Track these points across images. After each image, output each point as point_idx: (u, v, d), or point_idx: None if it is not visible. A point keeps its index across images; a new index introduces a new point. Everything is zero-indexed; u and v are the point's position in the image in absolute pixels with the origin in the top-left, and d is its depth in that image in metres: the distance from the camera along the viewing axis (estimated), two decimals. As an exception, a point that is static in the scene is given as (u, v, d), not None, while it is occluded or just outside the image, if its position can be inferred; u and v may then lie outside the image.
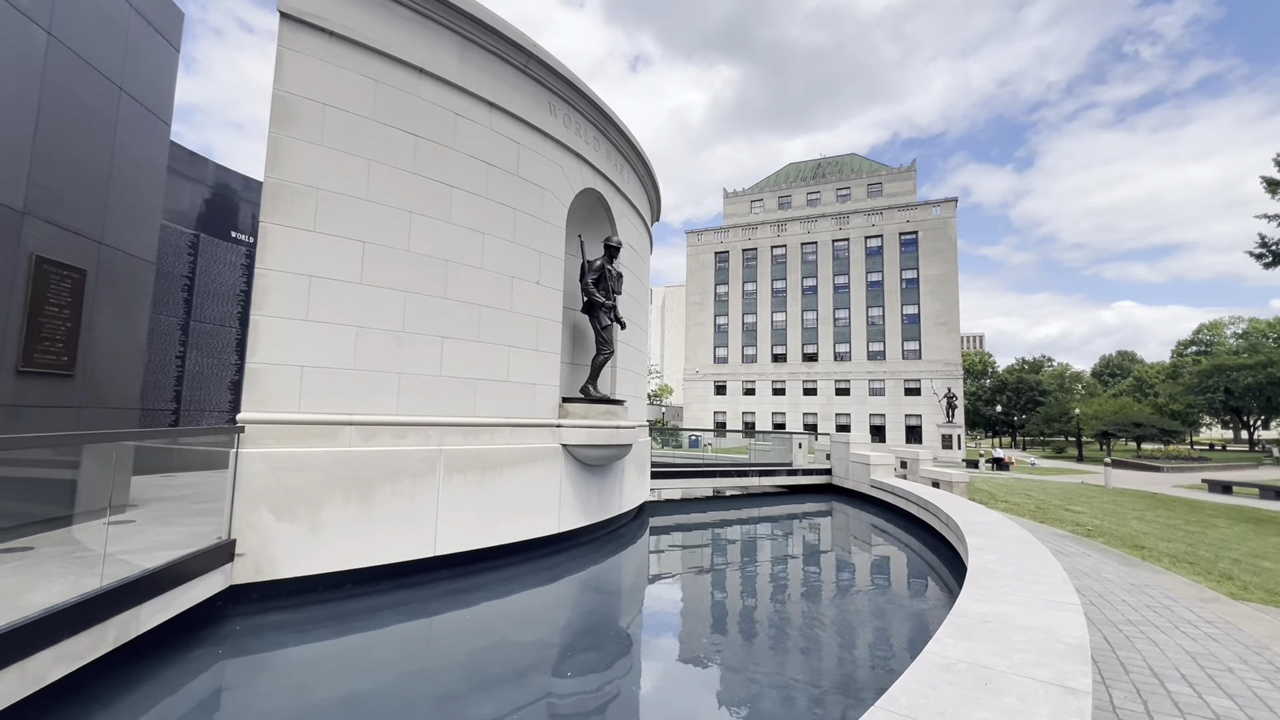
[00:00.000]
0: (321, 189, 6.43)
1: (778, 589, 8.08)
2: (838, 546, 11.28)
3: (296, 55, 6.36)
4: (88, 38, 6.70)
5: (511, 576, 7.57)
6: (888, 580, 8.57)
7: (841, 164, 67.60)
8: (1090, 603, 6.78)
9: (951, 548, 8.64)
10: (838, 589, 7.93)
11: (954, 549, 8.38)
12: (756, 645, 5.77)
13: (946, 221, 56.05)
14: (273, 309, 6.08)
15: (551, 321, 8.81)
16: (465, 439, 7.43)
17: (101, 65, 6.90)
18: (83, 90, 6.65)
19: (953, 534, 8.52)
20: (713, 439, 47.19)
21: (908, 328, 55.85)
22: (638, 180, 12.03)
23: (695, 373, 64.77)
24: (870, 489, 14.98)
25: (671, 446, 43.25)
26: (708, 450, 39.03)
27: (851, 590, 7.86)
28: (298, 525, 6.00)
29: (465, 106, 7.71)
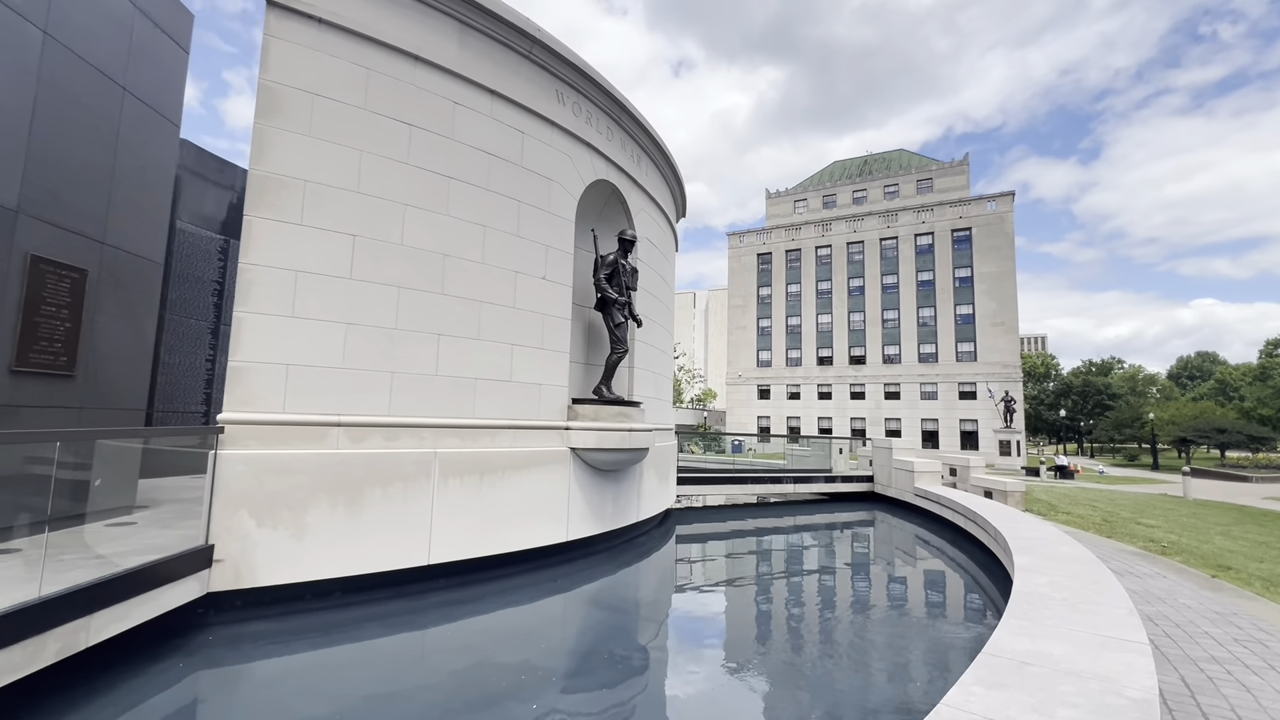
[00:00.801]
0: (310, 181, 6.20)
1: (795, 611, 7.40)
2: (872, 561, 10.45)
3: (284, 44, 6.15)
4: (87, 37, 6.68)
5: (512, 588, 7.16)
6: (922, 602, 7.75)
7: (889, 160, 65.38)
8: (1164, 633, 5.86)
9: (1001, 566, 7.76)
10: (862, 613, 7.18)
11: (1003, 567, 7.51)
12: (747, 678, 5.15)
13: (1003, 217, 53.35)
14: (257, 305, 5.86)
15: (559, 319, 8.39)
16: (463, 441, 7.07)
17: (103, 65, 6.89)
18: (82, 90, 6.64)
19: (1001, 550, 7.65)
20: (756, 443, 46.17)
21: (961, 328, 53.34)
22: (658, 173, 11.54)
23: (738, 376, 63.64)
24: (915, 498, 13.98)
25: (714, 451, 42.60)
26: (749, 455, 38.13)
27: (877, 614, 7.10)
28: (280, 531, 5.73)
29: (464, 94, 7.39)
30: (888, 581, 8.77)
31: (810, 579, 9.03)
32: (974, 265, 53.29)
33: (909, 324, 55.41)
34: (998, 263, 52.30)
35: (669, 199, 12.42)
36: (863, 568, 9.76)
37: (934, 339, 54.39)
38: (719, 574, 9.21)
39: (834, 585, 8.54)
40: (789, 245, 62.40)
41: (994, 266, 52.36)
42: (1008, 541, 6.96)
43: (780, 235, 63.07)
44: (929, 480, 13.78)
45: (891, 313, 56.67)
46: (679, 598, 7.73)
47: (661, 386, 11.66)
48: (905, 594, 8.03)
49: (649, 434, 9.02)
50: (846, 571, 9.50)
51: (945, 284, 54.32)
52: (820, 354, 59.54)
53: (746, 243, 65.04)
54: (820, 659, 5.52)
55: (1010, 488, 14.09)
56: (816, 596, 7.95)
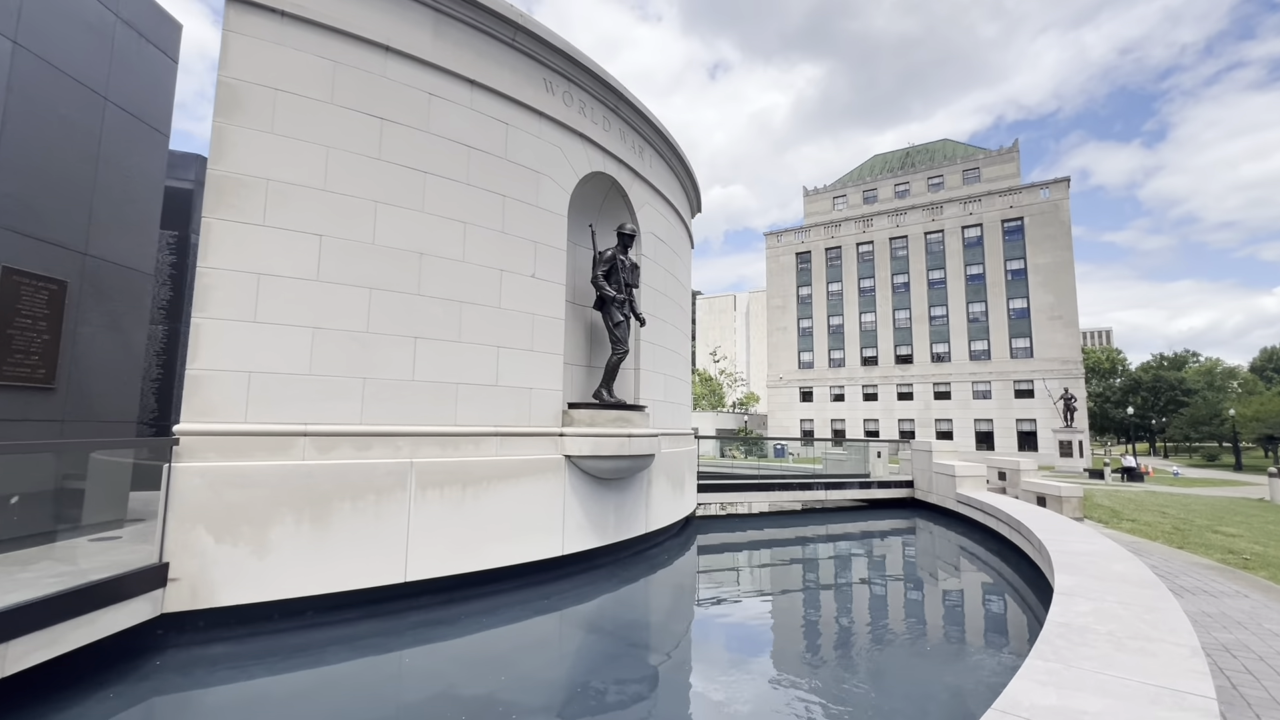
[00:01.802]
0: (273, 180, 5.92)
1: (801, 636, 6.67)
2: (900, 577, 9.56)
3: (245, 39, 5.91)
4: (63, 47, 6.62)
5: (499, 607, 6.70)
6: (947, 630, 6.90)
7: (932, 151, 62.95)
8: (1244, 668, 4.93)
9: (1047, 584, 6.86)
10: (875, 643, 6.39)
11: (1050, 586, 6.61)
12: (731, 711, 4.51)
13: (1057, 204, 50.50)
14: (216, 310, 5.60)
15: (551, 319, 7.93)
16: (443, 450, 6.67)
17: (81, 75, 6.83)
18: (59, 100, 6.57)
19: (1046, 566, 6.75)
20: (799, 448, 44.78)
21: (1015, 323, 50.66)
22: (664, 166, 10.99)
23: (779, 379, 62.20)
24: (957, 504, 12.93)
25: (756, 456, 41.51)
26: (790, 459, 36.93)
27: (890, 645, 6.31)
28: (241, 547, 5.42)
29: (441, 86, 7.04)
30: (912, 602, 7.93)
31: (827, 596, 8.26)
32: (1027, 256, 50.58)
33: (958, 320, 52.98)
34: (1053, 253, 49.49)
35: (679, 193, 11.85)
36: (888, 584, 8.90)
37: (986, 335, 51.82)
38: (730, 591, 8.54)
39: (851, 607, 7.76)
40: (828, 243, 60.71)
41: (1049, 257, 49.56)
42: (1050, 557, 6.09)
43: (819, 233, 61.45)
44: (972, 485, 12.71)
45: (939, 309, 54.34)
46: (681, 618, 7.12)
47: (674, 389, 11.07)
48: (928, 618, 7.20)
49: (652, 439, 8.45)
50: (869, 589, 8.68)
51: (997, 277, 51.74)
52: (864, 354, 57.59)
53: (784, 242, 63.65)
54: (799, 703, 4.82)
55: (1065, 493, 12.88)
56: (828, 620, 7.18)
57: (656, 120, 10.13)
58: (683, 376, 11.82)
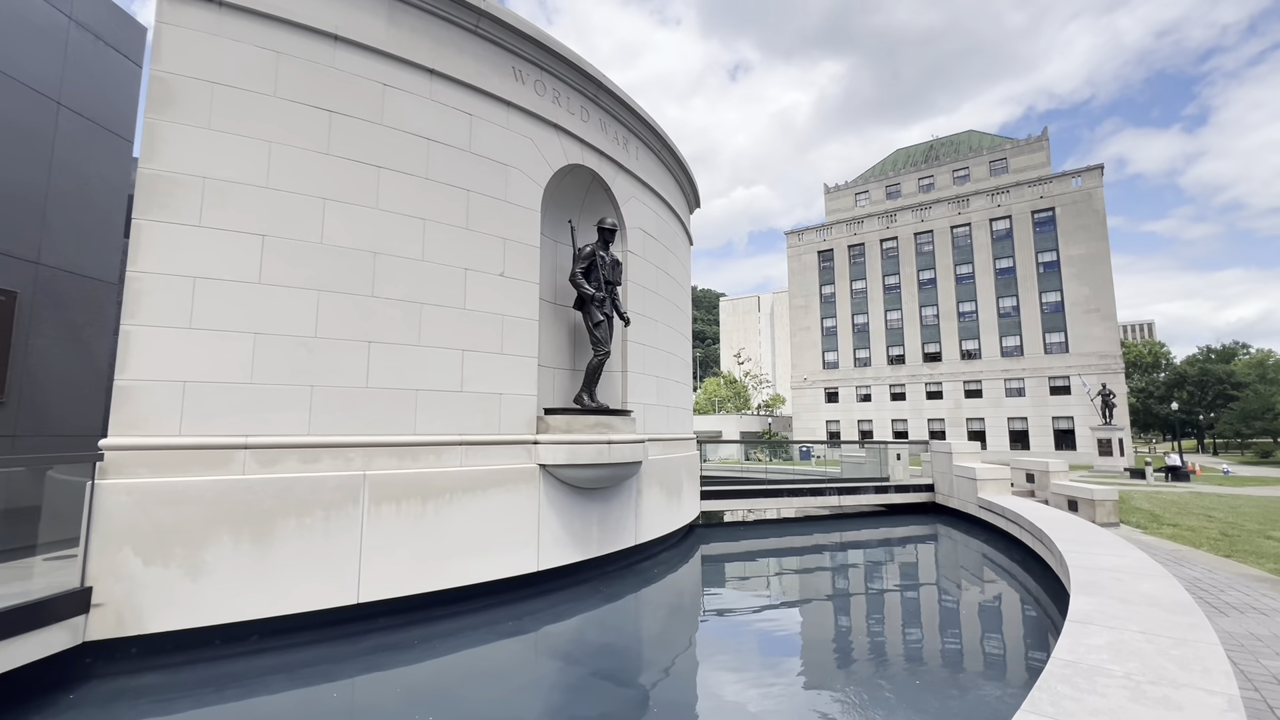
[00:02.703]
0: (210, 178, 5.59)
1: (789, 661, 6.06)
2: (910, 594, 8.84)
3: (179, 31, 5.60)
4: (7, 50, 6.42)
5: (463, 629, 6.25)
6: (949, 658, 6.22)
7: (957, 143, 61.19)
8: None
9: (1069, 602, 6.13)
10: (861, 670, 5.77)
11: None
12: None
13: (1091, 193, 48.49)
14: (148, 317, 5.27)
15: (522, 320, 7.48)
16: (400, 462, 6.25)
17: (29, 78, 6.63)
18: (2, 104, 6.37)
19: (1067, 583, 6.03)
20: (826, 450, 43.64)
21: (1049, 317, 48.71)
22: (653, 158, 10.49)
23: (804, 380, 60.97)
24: (979, 510, 12.09)
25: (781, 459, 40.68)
26: (814, 462, 35.94)
27: (881, 672, 5.68)
28: (172, 569, 5.07)
29: (396, 76, 6.66)
30: (916, 624, 7.23)
31: (823, 616, 7.62)
32: (1060, 248, 48.63)
33: (988, 316, 51.19)
34: (1088, 244, 47.48)
35: (671, 187, 11.33)
36: (893, 601, 8.20)
37: (1018, 331, 49.94)
38: (722, 608, 7.96)
39: (846, 628, 7.11)
40: (851, 240, 59.37)
41: (1083, 248, 47.57)
42: (1069, 574, 5.39)
43: (841, 230, 60.15)
44: (994, 489, 11.87)
45: (968, 305, 52.60)
46: (662, 641, 6.57)
47: (669, 392, 10.53)
48: (929, 644, 6.51)
49: (637, 446, 7.92)
50: (870, 607, 8.00)
51: (1028, 271, 49.86)
52: (891, 352, 56.07)
53: (806, 241, 62.48)
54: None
55: (1098, 496, 11.94)
56: (815, 644, 6.55)
57: (642, 110, 9.64)
58: (680, 379, 11.27)
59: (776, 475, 16.62)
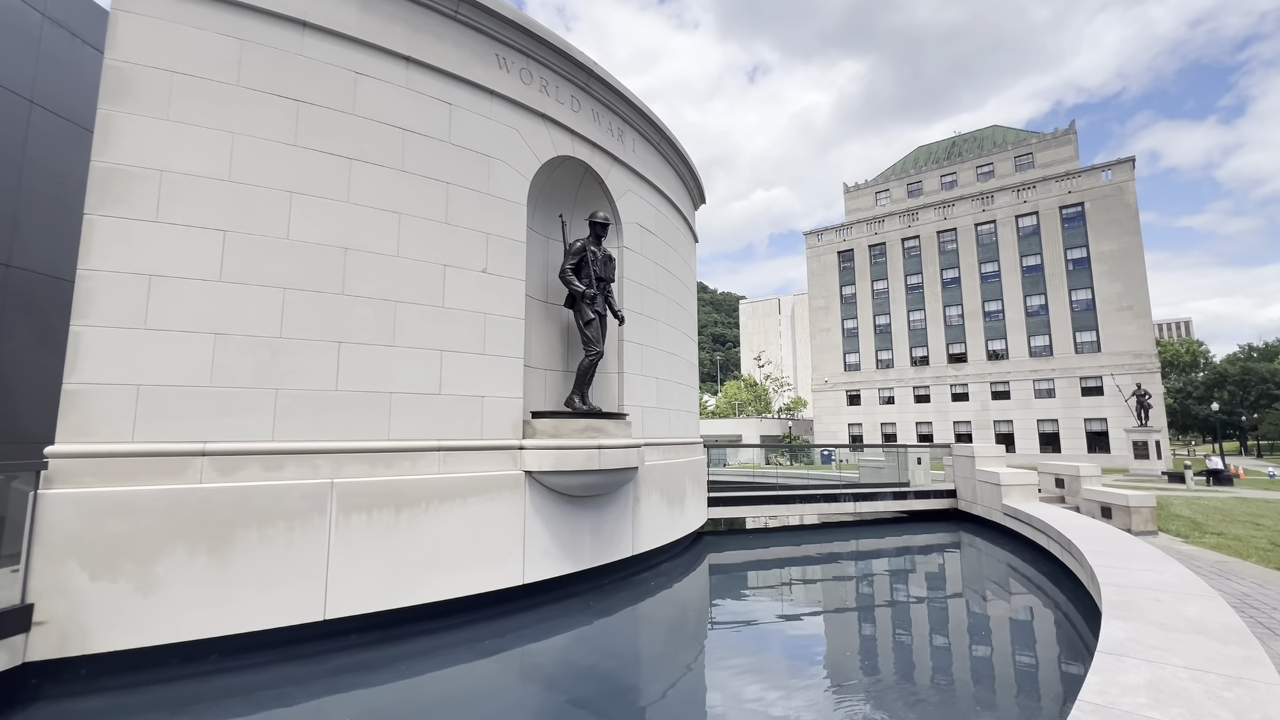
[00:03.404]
0: (168, 171, 5.32)
1: (787, 685, 5.54)
2: (924, 612, 8.24)
3: (136, 18, 5.35)
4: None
5: (439, 647, 5.87)
6: (958, 691, 5.66)
7: (980, 139, 59.78)
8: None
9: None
10: (859, 703, 5.25)
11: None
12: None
13: (1122, 187, 46.85)
14: (100, 317, 5.00)
15: (507, 319, 7.10)
16: (372, 468, 5.90)
17: (1, 78, 6.46)
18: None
19: (1098, 602, 5.43)
20: (849, 454, 42.71)
21: (1079, 315, 47.10)
22: (652, 151, 10.07)
23: (824, 382, 59.91)
24: (1003, 517, 11.40)
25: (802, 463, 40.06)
26: (833, 466, 35.15)
27: (881, 706, 5.14)
28: (121, 585, 4.77)
29: (370, 64, 6.35)
30: (927, 648, 6.66)
31: (830, 633, 7.07)
32: (1090, 244, 47.03)
33: (1015, 315, 49.70)
34: (1119, 239, 45.84)
35: (672, 181, 10.89)
36: (905, 622, 7.61)
37: (1046, 330, 48.38)
38: (722, 625, 7.47)
39: (852, 649, 6.57)
40: (872, 240, 58.26)
41: (1115, 244, 45.93)
42: (1101, 593, 4.81)
43: (862, 230, 59.07)
44: (1020, 495, 11.17)
45: (994, 304, 51.16)
46: (654, 663, 6.11)
47: (670, 394, 10.07)
48: (938, 672, 5.95)
49: (631, 451, 7.49)
50: (878, 628, 7.44)
51: (1056, 268, 48.31)
52: (914, 354, 54.80)
53: (825, 241, 61.50)
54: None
55: (1134, 502, 11.18)
56: (816, 667, 6.02)
57: (638, 101, 9.23)
58: (683, 380, 10.81)
59: (789, 480, 16.01)
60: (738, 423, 67.63)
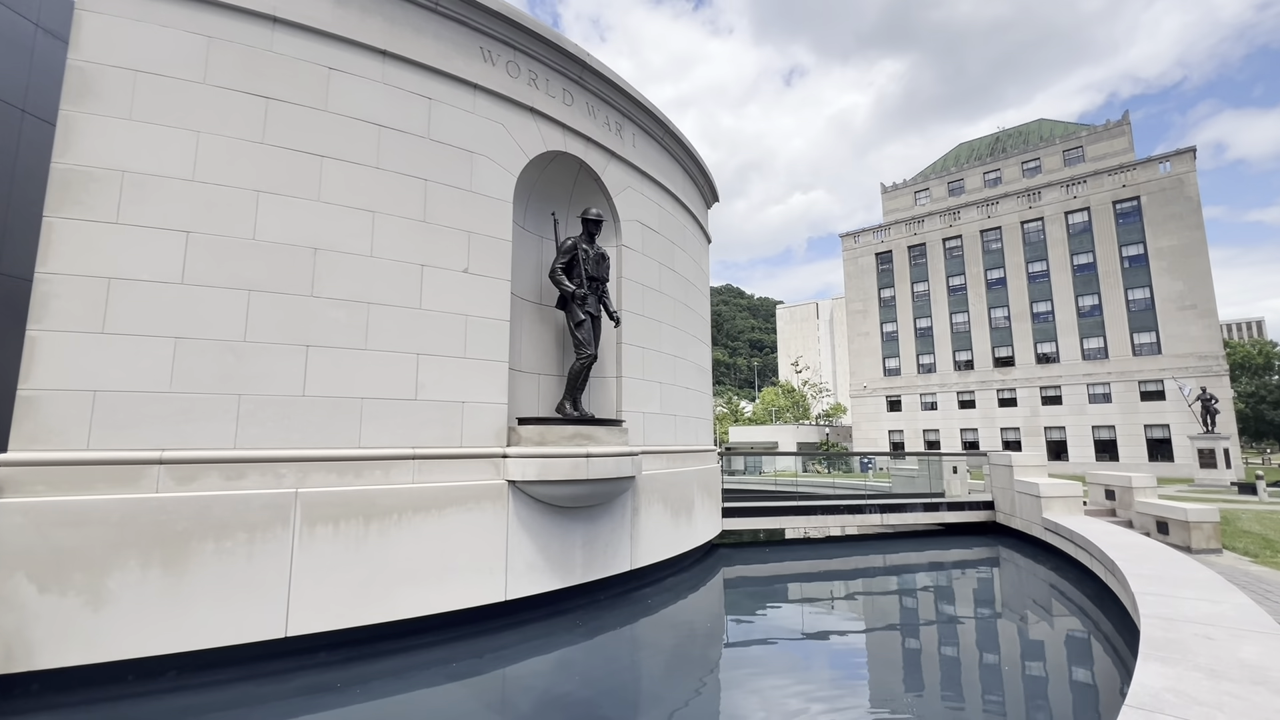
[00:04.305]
0: (129, 172, 5.19)
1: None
2: (947, 640, 7.53)
3: (100, 18, 5.25)
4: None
5: (414, 666, 5.54)
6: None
7: (1026, 133, 57.40)
8: None
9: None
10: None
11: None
12: None
13: (1182, 179, 44.12)
14: (56, 321, 4.88)
15: (490, 320, 6.79)
16: (340, 478, 5.63)
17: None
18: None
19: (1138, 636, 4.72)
20: (890, 461, 41.22)
21: (1137, 316, 44.45)
22: (656, 146, 9.66)
23: (863, 388, 58.21)
24: (1044, 532, 10.49)
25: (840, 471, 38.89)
26: (871, 475, 33.98)
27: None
28: (70, 598, 4.59)
29: (343, 58, 6.15)
30: (939, 687, 6.00)
31: (839, 659, 6.45)
32: (1147, 240, 44.40)
33: (1066, 316, 47.27)
34: (1180, 234, 43.13)
35: (679, 178, 10.46)
36: (926, 650, 6.92)
37: (1101, 331, 45.82)
38: (730, 644, 6.93)
39: (857, 684, 5.96)
40: (911, 240, 56.45)
41: (1175, 239, 43.23)
42: (1140, 629, 4.14)
43: (900, 231, 57.31)
44: (1062, 508, 10.26)
45: (1043, 304, 48.79)
46: (641, 687, 5.64)
47: (677, 400, 9.60)
48: (954, 711, 5.30)
49: (623, 459, 7.06)
50: (891, 659, 6.79)
51: (1110, 266, 45.77)
52: (958, 357, 52.69)
53: (862, 243, 59.91)
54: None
55: (1194, 517, 10.14)
56: (814, 697, 5.44)
57: (638, 94, 8.85)
58: (692, 385, 10.32)
59: (820, 490, 15.28)
60: (774, 429, 66.45)
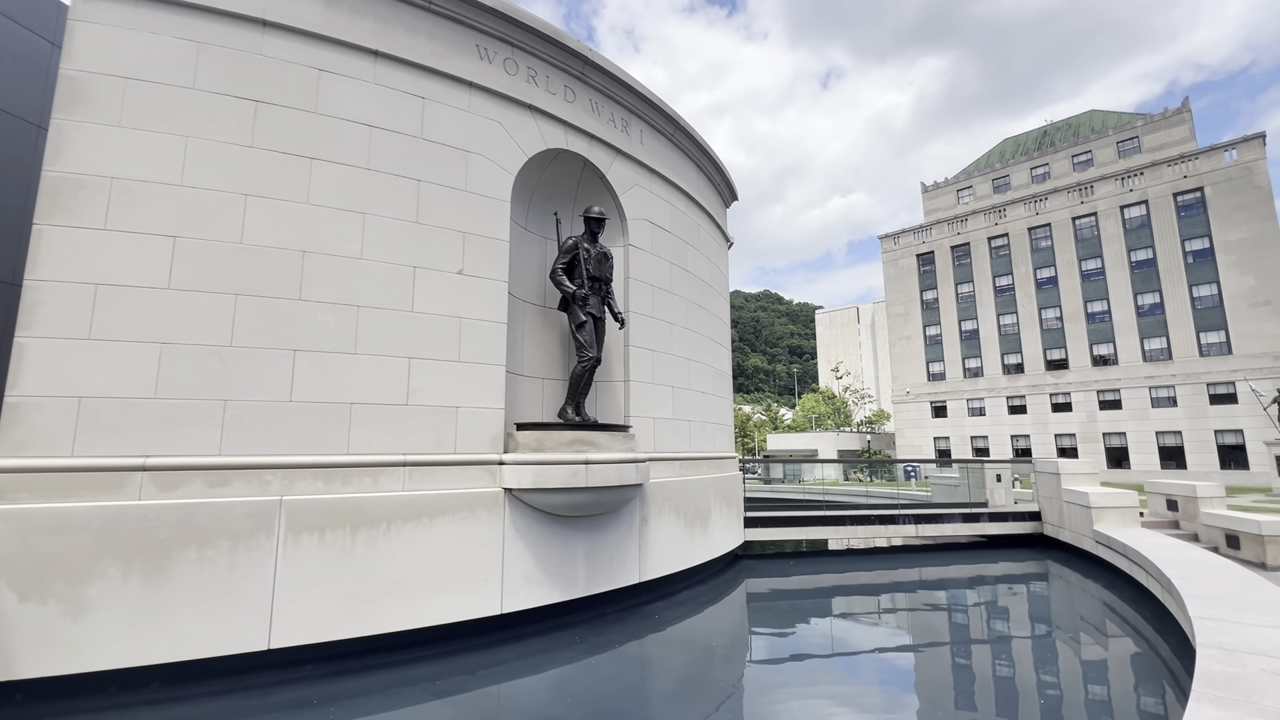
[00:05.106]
0: (118, 178, 5.19)
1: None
2: (978, 670, 6.90)
3: (93, 28, 5.29)
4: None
5: (402, 682, 5.33)
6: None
7: (1075, 125, 54.93)
8: None
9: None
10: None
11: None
12: None
13: (1250, 167, 41.36)
14: (45, 328, 4.88)
15: (486, 323, 6.58)
16: (327, 485, 5.49)
17: (8, 104, 6.69)
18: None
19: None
20: (936, 469, 39.65)
21: (1203, 314, 41.71)
22: (666, 143, 9.37)
23: (906, 393, 56.34)
24: (1095, 545, 9.67)
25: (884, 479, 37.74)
26: (912, 484, 32.69)
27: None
28: (50, 607, 4.54)
29: (334, 59, 6.08)
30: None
31: (853, 687, 5.94)
32: (1213, 233, 41.69)
33: (1124, 315, 44.71)
34: (1249, 226, 40.34)
35: (693, 175, 10.13)
36: (958, 681, 6.35)
37: (1163, 330, 43.15)
38: (741, 664, 6.51)
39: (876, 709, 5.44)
40: (954, 240, 54.52)
41: (1244, 231, 40.45)
42: (1196, 658, 3.58)
43: (942, 231, 55.44)
44: (1115, 520, 9.43)
45: (1098, 304, 46.29)
46: (634, 714, 5.28)
47: (691, 404, 9.22)
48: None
49: (627, 467, 6.73)
50: (906, 690, 6.23)
51: (1173, 261, 43.11)
52: (1006, 360, 50.45)
53: (903, 244, 58.20)
54: None
55: (1269, 530, 9.18)
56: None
57: (644, 89, 8.59)
58: (708, 389, 9.93)
59: (839, 499, 14.61)
60: (814, 436, 65.04)
